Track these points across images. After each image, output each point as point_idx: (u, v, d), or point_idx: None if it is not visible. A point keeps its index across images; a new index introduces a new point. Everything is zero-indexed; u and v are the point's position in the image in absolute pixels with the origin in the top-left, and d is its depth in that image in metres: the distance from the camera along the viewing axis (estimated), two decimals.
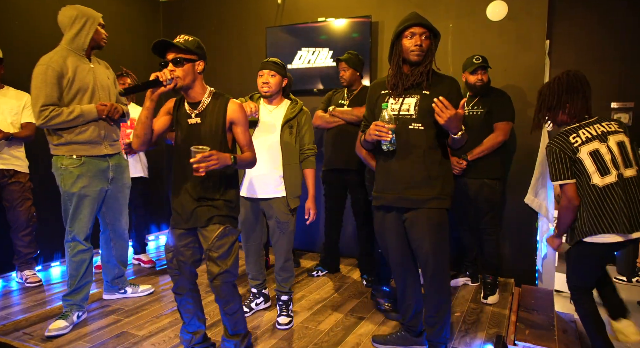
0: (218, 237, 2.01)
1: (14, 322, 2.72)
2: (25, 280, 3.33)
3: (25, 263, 3.39)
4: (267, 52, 4.16)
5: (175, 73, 1.93)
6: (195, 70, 2.00)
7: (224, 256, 2.02)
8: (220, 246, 2.01)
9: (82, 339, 2.51)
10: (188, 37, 2.00)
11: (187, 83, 1.98)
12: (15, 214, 3.28)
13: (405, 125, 2.13)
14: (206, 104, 2.04)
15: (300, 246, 4.30)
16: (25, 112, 3.30)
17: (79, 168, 2.58)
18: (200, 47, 2.02)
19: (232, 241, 2.05)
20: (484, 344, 2.51)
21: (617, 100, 4.25)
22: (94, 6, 4.05)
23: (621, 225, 2.14)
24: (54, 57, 2.51)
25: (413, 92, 2.15)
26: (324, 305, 3.04)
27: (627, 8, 3.36)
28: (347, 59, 3.33)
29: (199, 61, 2.01)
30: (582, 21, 3.49)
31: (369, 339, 2.54)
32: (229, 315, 2.10)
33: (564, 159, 2.23)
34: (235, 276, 2.08)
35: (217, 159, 1.86)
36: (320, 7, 4.05)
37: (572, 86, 2.30)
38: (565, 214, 2.28)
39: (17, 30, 3.51)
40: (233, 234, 2.06)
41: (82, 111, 2.53)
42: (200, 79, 2.04)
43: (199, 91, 2.04)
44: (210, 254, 2.02)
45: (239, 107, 2.06)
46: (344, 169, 3.38)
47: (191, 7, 4.64)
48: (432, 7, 3.63)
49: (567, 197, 2.26)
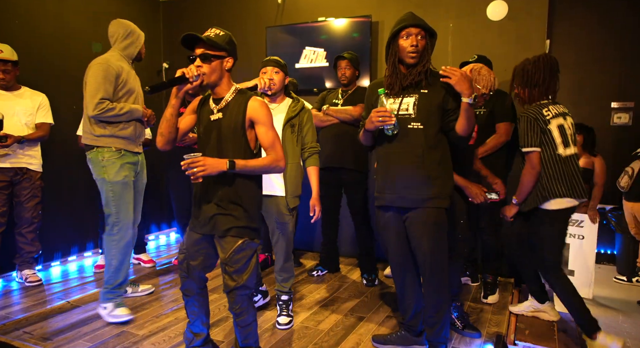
0: (235, 251, 1.93)
1: (15, 321, 2.72)
2: (25, 279, 3.35)
3: (26, 263, 3.41)
4: (268, 52, 4.16)
5: (202, 69, 1.86)
6: (224, 67, 1.93)
7: (240, 271, 1.94)
8: (237, 260, 1.93)
9: (82, 338, 2.52)
10: (220, 31, 1.91)
11: (214, 80, 1.91)
12: (21, 210, 3.34)
13: (405, 124, 2.14)
14: (229, 101, 1.96)
15: (300, 245, 4.30)
16: (39, 113, 3.39)
17: (120, 159, 2.77)
18: (231, 42, 1.94)
19: (249, 256, 1.96)
20: (484, 344, 2.51)
21: (617, 100, 4.25)
22: (95, 6, 4.09)
23: (578, 190, 2.46)
24: (111, 59, 2.74)
25: (411, 91, 2.16)
26: (324, 305, 3.05)
27: (627, 8, 3.36)
28: (350, 58, 3.35)
29: (228, 58, 1.93)
30: (582, 21, 3.49)
31: (369, 339, 2.54)
32: (241, 327, 2.03)
33: (536, 128, 2.44)
34: (251, 290, 2.00)
35: (204, 165, 1.77)
36: (320, 7, 4.06)
37: (554, 66, 2.53)
38: (528, 180, 2.48)
39: (17, 30, 3.52)
40: (251, 248, 1.97)
41: (130, 109, 2.76)
42: (228, 76, 1.97)
43: (225, 88, 1.96)
44: (227, 268, 1.95)
45: (261, 105, 1.93)
46: (339, 168, 3.38)
47: (191, 7, 4.64)
48: (432, 7, 3.63)
49: (532, 164, 2.47)
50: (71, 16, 3.88)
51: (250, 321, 2.03)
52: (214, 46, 1.87)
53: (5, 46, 3.24)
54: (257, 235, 2.01)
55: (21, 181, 3.32)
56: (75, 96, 3.41)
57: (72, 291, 3.25)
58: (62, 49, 3.81)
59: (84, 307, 2.96)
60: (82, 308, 2.94)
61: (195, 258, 2.03)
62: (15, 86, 3.34)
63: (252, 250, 1.97)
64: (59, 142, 3.74)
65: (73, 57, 3.88)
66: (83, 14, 3.98)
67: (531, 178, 2.47)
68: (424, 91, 2.14)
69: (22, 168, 3.32)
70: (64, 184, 3.75)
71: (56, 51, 3.77)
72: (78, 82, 3.74)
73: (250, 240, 1.96)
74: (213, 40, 1.86)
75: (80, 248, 4.05)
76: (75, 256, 3.99)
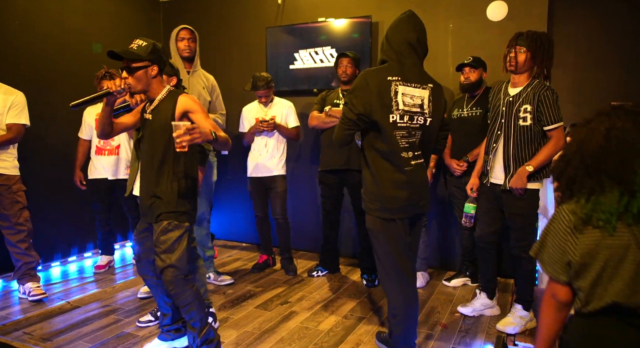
0: (162, 232, 2.10)
1: (14, 322, 2.72)
2: (29, 293, 3.05)
3: (27, 275, 3.13)
4: (267, 52, 4.16)
5: (128, 80, 2.04)
6: (149, 75, 2.08)
7: (168, 251, 2.10)
8: (164, 241, 2.10)
9: (82, 339, 2.52)
10: (142, 42, 2.06)
11: (141, 88, 2.09)
12: (4, 219, 3.03)
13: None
14: (159, 102, 2.13)
15: (300, 246, 4.30)
16: (10, 113, 3.02)
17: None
18: (153, 51, 2.07)
19: (176, 237, 2.11)
20: (484, 344, 2.51)
21: (617, 100, 4.25)
22: (95, 6, 4.09)
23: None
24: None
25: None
26: (324, 306, 3.04)
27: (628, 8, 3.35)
28: (354, 57, 3.37)
29: (152, 66, 2.08)
30: (582, 22, 3.49)
31: (369, 339, 2.54)
32: (182, 307, 2.15)
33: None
34: (183, 270, 2.12)
35: (199, 133, 1.85)
36: (320, 7, 4.05)
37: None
38: (553, 154, 2.44)
39: (17, 31, 3.51)
40: (178, 229, 2.12)
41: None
42: (157, 81, 2.13)
43: (156, 92, 2.13)
44: (155, 249, 2.13)
45: (190, 97, 2.13)
46: (345, 169, 3.38)
47: (191, 7, 4.64)
48: (432, 7, 3.63)
49: (562, 137, 2.43)
50: (71, 16, 3.88)
51: (190, 301, 2.14)
52: (135, 58, 2.03)
53: None
54: (187, 218, 2.17)
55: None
56: (75, 96, 3.38)
57: (72, 292, 3.25)
58: (62, 49, 3.80)
59: (84, 308, 2.96)
60: (82, 309, 2.94)
61: (141, 244, 2.27)
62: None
63: (179, 231, 2.12)
64: (58, 143, 3.73)
65: (73, 57, 3.87)
66: (83, 14, 3.98)
67: (556, 153, 2.41)
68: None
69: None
70: (64, 185, 3.74)
71: (56, 51, 3.76)
72: (77, 82, 3.76)
73: (177, 222, 2.12)
74: (133, 54, 2.03)
75: (80, 249, 4.05)
76: (75, 257, 3.99)
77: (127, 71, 2.04)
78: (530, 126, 2.48)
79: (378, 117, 2.04)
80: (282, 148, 3.60)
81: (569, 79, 3.49)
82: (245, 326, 2.71)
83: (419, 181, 2.14)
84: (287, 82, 4.11)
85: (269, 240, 3.82)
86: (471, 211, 2.74)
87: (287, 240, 3.72)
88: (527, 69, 2.50)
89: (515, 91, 2.55)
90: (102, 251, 3.83)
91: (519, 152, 2.52)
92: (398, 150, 2.06)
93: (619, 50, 3.43)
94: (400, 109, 2.05)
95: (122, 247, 4.34)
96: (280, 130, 3.52)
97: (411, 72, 2.10)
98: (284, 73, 4.11)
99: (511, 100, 2.54)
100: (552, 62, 2.49)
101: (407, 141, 2.09)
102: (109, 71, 3.45)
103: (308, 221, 4.24)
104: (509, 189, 2.52)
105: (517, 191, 2.48)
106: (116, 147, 3.56)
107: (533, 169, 2.44)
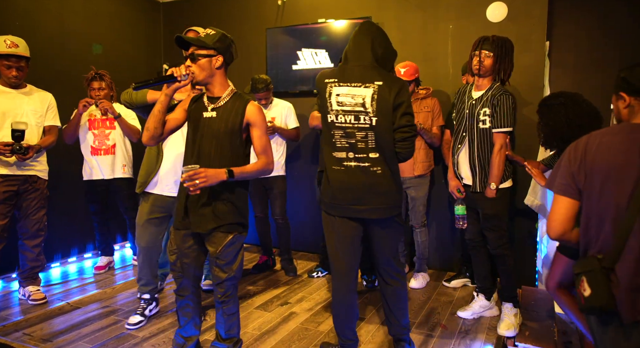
0: (226, 246, 2.01)
1: (14, 323, 2.72)
2: (28, 296, 3.04)
3: (30, 278, 3.13)
4: (267, 53, 4.16)
5: (191, 69, 1.93)
6: (213, 65, 1.97)
7: (231, 263, 2.04)
8: (228, 254, 2.02)
9: (82, 340, 2.51)
10: (211, 31, 1.99)
11: (204, 78, 1.97)
12: (27, 223, 3.05)
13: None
14: (225, 101, 2.01)
15: (300, 247, 4.30)
16: (48, 114, 3.10)
17: None
18: (221, 40, 1.97)
19: (238, 248, 2.06)
20: (484, 345, 2.51)
21: None
22: (95, 6, 4.09)
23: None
24: None
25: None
26: (324, 306, 3.04)
27: (628, 9, 3.35)
28: None
29: (217, 56, 1.97)
30: (582, 22, 3.49)
31: (369, 340, 2.54)
32: (227, 316, 2.10)
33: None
34: (239, 278, 2.11)
35: (205, 177, 1.81)
36: (320, 8, 4.05)
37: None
38: (503, 161, 2.60)
39: (17, 31, 3.49)
40: (240, 241, 2.07)
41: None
42: (220, 74, 2.01)
43: (219, 87, 2.02)
44: (218, 261, 2.02)
45: (258, 109, 2.02)
46: None
47: (191, 8, 4.64)
48: (432, 8, 3.63)
49: (504, 143, 2.57)
50: (71, 17, 3.88)
51: (235, 310, 2.13)
52: (201, 46, 1.94)
53: (20, 40, 2.93)
54: (245, 228, 2.10)
55: (29, 191, 3.01)
56: (75, 97, 3.40)
57: (72, 293, 3.25)
58: (62, 49, 3.80)
59: (84, 309, 2.96)
60: (82, 310, 2.94)
61: (188, 256, 2.08)
62: (22, 83, 3.03)
63: (240, 243, 2.08)
64: (59, 144, 3.72)
65: (73, 58, 3.87)
66: (83, 14, 3.98)
67: (504, 158, 2.59)
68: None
69: (32, 176, 3.01)
70: (64, 186, 3.74)
71: (56, 51, 3.76)
72: (78, 82, 3.76)
73: (239, 234, 2.05)
74: (199, 41, 1.94)
75: (80, 250, 4.05)
76: (75, 258, 3.99)
77: (190, 58, 1.94)
78: (489, 128, 2.59)
79: (323, 117, 2.16)
80: (282, 148, 3.61)
81: (568, 79, 3.49)
82: (245, 327, 2.71)
83: (357, 183, 2.07)
84: (287, 83, 4.11)
85: (269, 241, 3.82)
86: (462, 212, 2.75)
87: (287, 241, 3.72)
88: (491, 72, 2.61)
89: (478, 94, 2.66)
90: (102, 252, 3.82)
91: (481, 154, 2.64)
92: (333, 149, 2.13)
93: (619, 50, 3.42)
94: (334, 110, 2.09)
95: (122, 248, 4.34)
96: (280, 132, 3.52)
97: (352, 72, 2.09)
98: (284, 74, 4.11)
99: (473, 103, 2.65)
100: (512, 67, 2.62)
101: (347, 141, 2.09)
102: (98, 72, 3.41)
103: (308, 222, 4.24)
104: (480, 191, 2.66)
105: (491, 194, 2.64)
106: (112, 146, 3.54)
107: (496, 186, 2.59)
